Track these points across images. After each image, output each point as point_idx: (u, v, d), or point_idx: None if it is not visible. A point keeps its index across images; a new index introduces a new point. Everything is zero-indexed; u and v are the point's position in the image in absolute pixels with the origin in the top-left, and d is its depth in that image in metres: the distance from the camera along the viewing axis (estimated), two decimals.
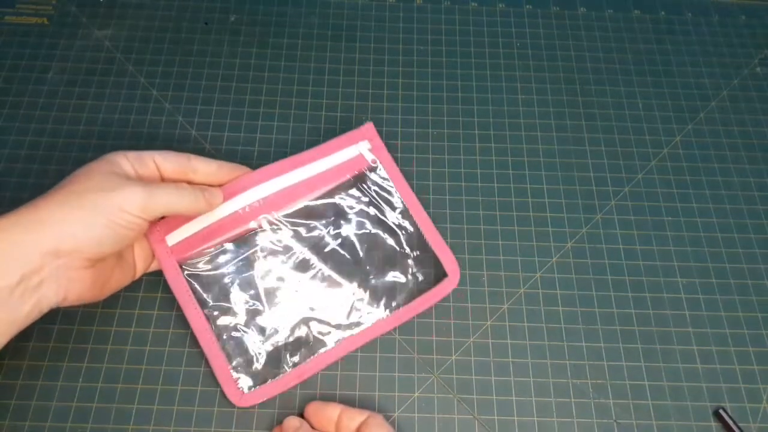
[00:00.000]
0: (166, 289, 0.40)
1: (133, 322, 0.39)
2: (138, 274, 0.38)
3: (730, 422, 0.38)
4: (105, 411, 0.37)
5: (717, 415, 0.38)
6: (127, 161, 0.35)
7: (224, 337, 0.38)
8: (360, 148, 0.43)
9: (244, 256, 0.40)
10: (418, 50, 0.51)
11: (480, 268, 0.42)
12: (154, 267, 0.39)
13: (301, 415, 0.36)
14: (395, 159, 0.44)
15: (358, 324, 0.39)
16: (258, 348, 0.38)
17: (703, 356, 0.40)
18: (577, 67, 0.51)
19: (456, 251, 0.42)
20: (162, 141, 0.45)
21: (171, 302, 0.40)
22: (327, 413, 0.35)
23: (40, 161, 0.44)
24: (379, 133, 0.44)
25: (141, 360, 0.38)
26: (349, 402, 0.37)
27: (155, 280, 0.40)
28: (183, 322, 0.39)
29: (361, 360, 0.39)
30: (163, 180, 0.37)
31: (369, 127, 0.43)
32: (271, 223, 0.41)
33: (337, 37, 0.51)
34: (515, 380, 0.39)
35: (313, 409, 0.36)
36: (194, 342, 0.39)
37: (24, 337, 0.37)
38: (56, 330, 0.39)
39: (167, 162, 0.37)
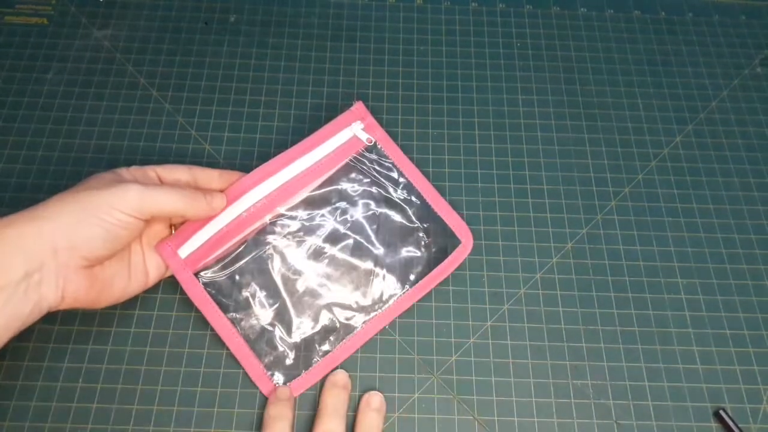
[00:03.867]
0: (166, 289, 0.40)
1: (132, 323, 0.39)
2: (151, 282, 0.38)
3: (731, 423, 0.37)
4: (105, 411, 0.37)
5: (717, 416, 0.38)
6: (129, 173, 0.35)
7: (252, 337, 0.38)
8: (353, 129, 0.42)
9: (257, 255, 0.40)
10: (418, 50, 0.51)
11: (480, 269, 0.42)
12: (170, 273, 0.39)
13: None
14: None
15: (380, 303, 0.40)
16: (287, 343, 0.38)
17: (703, 357, 0.40)
18: (578, 67, 0.50)
19: None
20: (162, 141, 0.45)
21: (171, 303, 0.40)
22: None
23: (40, 161, 0.44)
24: None
25: (141, 361, 0.38)
26: (349, 403, 0.37)
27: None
28: (183, 323, 0.39)
29: (361, 360, 0.39)
30: None
31: (359, 107, 0.43)
32: (278, 216, 0.41)
33: (337, 37, 0.51)
34: (515, 381, 0.39)
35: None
36: (196, 343, 0.39)
37: (24, 337, 0.38)
38: (56, 330, 0.39)
39: (167, 172, 0.37)
